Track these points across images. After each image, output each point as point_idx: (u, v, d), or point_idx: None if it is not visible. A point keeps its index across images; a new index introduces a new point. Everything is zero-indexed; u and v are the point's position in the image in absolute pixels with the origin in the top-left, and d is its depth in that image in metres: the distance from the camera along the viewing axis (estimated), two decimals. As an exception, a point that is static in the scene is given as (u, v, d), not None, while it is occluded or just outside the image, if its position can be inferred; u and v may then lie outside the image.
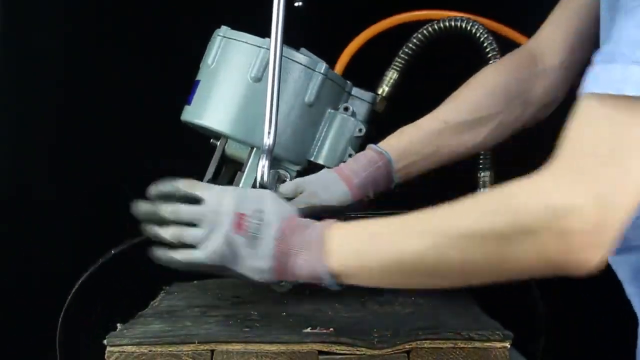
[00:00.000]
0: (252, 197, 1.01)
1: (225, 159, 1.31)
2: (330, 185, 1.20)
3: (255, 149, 1.26)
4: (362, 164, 1.23)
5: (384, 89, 1.41)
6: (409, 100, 1.40)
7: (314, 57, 1.30)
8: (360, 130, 1.30)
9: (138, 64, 1.78)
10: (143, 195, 1.07)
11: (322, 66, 1.28)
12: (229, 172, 1.34)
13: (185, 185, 1.03)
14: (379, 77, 1.44)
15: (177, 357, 1.04)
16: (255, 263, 0.98)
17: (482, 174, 1.42)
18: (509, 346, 1.04)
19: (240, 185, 1.26)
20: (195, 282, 1.51)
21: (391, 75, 1.41)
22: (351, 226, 0.96)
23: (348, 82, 1.33)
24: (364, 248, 0.93)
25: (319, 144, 1.29)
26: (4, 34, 1.72)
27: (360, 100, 1.33)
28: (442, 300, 1.27)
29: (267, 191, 1.07)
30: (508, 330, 1.05)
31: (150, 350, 1.05)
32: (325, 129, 1.29)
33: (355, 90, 1.34)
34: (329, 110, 1.30)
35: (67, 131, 1.79)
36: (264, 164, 1.16)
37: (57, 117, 1.80)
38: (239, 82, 1.26)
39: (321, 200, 1.18)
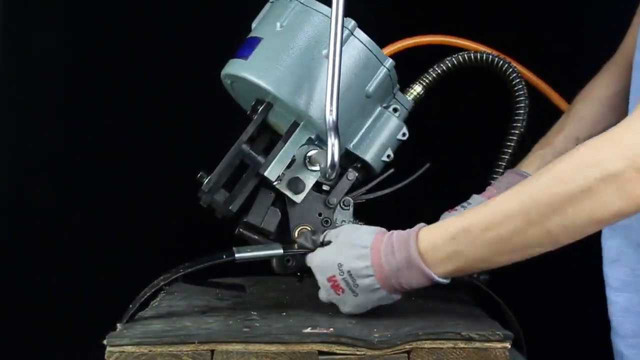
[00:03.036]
0: (330, 253, 1.13)
1: (263, 126, 1.27)
2: None
3: (300, 123, 1.23)
4: None
5: None
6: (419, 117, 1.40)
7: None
8: (404, 134, 1.30)
9: (139, 63, 1.78)
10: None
11: (389, 61, 1.26)
12: (264, 139, 1.29)
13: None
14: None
15: (177, 357, 1.04)
16: (369, 299, 1.11)
17: None
18: (509, 346, 1.03)
19: (278, 156, 1.22)
20: (196, 281, 1.51)
21: (416, 89, 1.38)
22: (441, 237, 1.05)
23: (397, 84, 1.32)
24: (460, 251, 1.03)
25: (361, 136, 1.27)
26: (4, 34, 1.72)
27: (400, 105, 1.32)
28: (442, 301, 1.27)
29: (334, 234, 1.16)
30: (508, 331, 1.05)
31: (150, 351, 1.04)
32: (371, 124, 1.28)
33: (399, 95, 1.32)
34: (379, 106, 1.28)
35: (67, 132, 1.79)
36: (333, 142, 1.13)
37: (58, 118, 1.80)
38: (306, 52, 1.21)
39: None
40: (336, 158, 1.14)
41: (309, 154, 1.25)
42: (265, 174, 1.22)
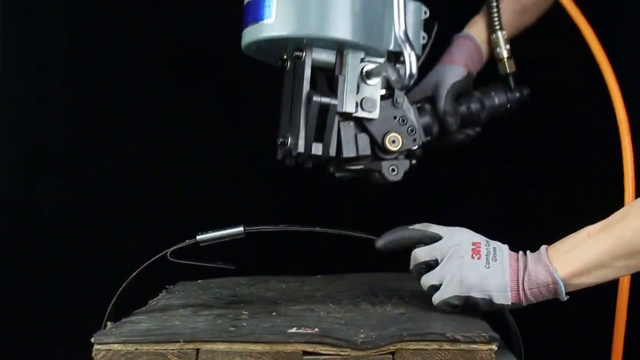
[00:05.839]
0: (470, 233, 1.19)
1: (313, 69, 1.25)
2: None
3: (346, 50, 1.23)
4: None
5: None
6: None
7: None
8: (425, 12, 1.31)
9: (139, 63, 1.79)
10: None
11: None
12: (321, 80, 1.28)
13: (422, 228, 1.20)
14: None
15: (163, 356, 1.03)
16: (495, 280, 1.13)
17: None
18: (495, 348, 1.01)
19: (347, 88, 1.23)
20: (199, 281, 1.51)
21: None
22: (566, 240, 1.14)
23: None
24: (582, 249, 1.11)
25: (394, 33, 1.22)
26: (4, 34, 1.73)
27: None
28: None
29: None
30: (495, 333, 1.03)
31: (136, 349, 1.04)
32: (394, 16, 1.22)
33: None
34: None
35: (67, 131, 1.80)
36: (409, 52, 1.14)
37: (58, 117, 1.81)
38: None
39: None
40: (414, 69, 1.15)
41: (364, 70, 1.25)
42: (345, 110, 1.24)
